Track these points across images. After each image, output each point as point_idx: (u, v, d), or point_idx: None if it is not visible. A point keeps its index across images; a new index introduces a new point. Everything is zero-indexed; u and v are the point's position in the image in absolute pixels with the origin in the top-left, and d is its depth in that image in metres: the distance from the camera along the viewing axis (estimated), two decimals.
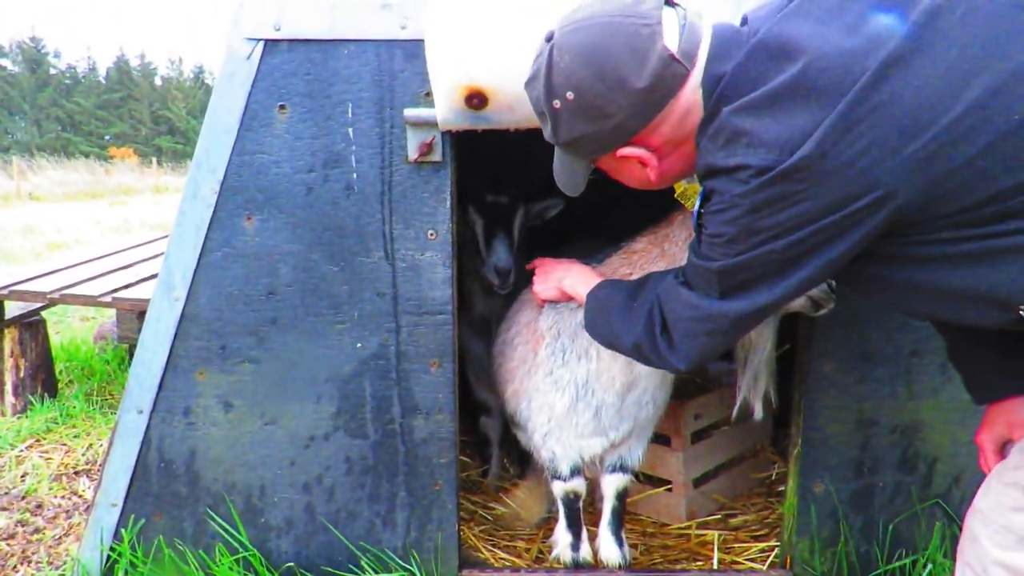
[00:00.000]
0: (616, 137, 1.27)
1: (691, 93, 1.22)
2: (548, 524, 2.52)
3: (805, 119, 1.06)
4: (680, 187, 1.79)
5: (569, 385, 1.96)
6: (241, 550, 2.10)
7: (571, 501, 2.14)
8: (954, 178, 1.03)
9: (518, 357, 2.10)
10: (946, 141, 1.02)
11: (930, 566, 1.99)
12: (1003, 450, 1.42)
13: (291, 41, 1.90)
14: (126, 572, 2.10)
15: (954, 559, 1.99)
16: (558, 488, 2.13)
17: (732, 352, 2.02)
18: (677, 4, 1.27)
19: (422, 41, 1.81)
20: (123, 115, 46.24)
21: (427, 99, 1.88)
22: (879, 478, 2.04)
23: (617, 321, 1.54)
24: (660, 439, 2.49)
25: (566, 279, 1.90)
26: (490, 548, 2.41)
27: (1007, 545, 1.16)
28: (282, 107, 1.93)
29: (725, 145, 1.14)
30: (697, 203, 1.28)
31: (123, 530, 2.11)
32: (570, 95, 1.24)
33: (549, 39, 1.28)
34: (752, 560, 2.29)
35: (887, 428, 2.02)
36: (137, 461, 2.09)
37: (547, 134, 1.37)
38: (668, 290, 1.40)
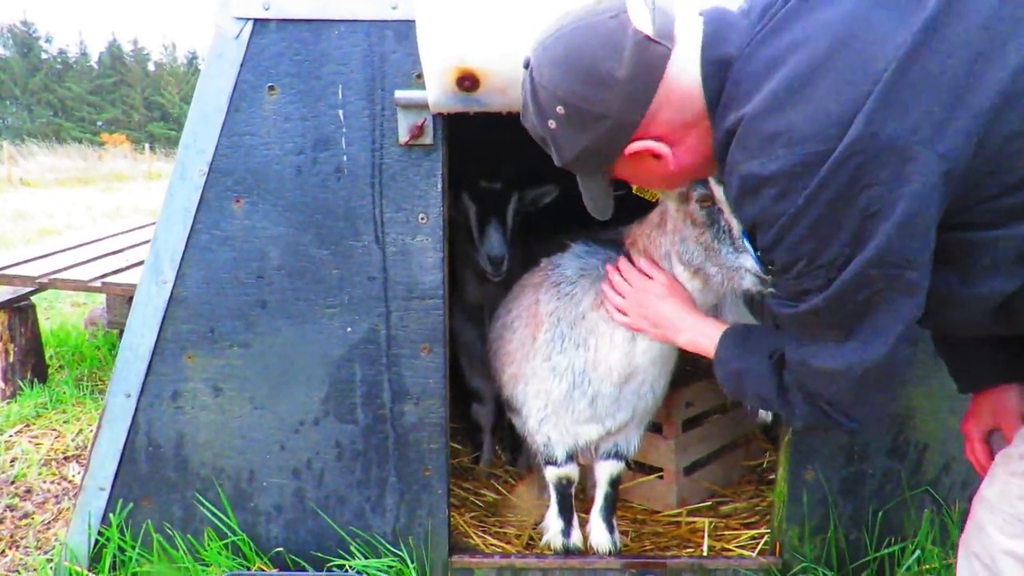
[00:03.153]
0: (618, 136, 1.23)
1: (682, 73, 1.19)
2: (542, 512, 2.53)
3: (841, 102, 1.00)
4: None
5: (567, 372, 1.95)
6: (230, 535, 2.10)
7: (563, 487, 2.13)
8: (1008, 147, 0.98)
9: (517, 341, 2.09)
10: (998, 106, 0.97)
11: (919, 552, 2.00)
12: (989, 438, 1.42)
13: (280, 21, 1.88)
14: (114, 556, 2.09)
15: (942, 545, 2.01)
16: (551, 473, 2.13)
17: None
18: None
19: (413, 22, 1.79)
20: (115, 101, 45.87)
21: (418, 81, 1.86)
22: (869, 465, 2.04)
23: (769, 403, 1.38)
24: (652, 427, 2.48)
25: (667, 320, 1.67)
26: (480, 534, 2.41)
27: (1015, 534, 1.15)
28: (271, 88, 1.90)
29: (761, 151, 1.07)
30: (746, 242, 1.20)
31: (111, 514, 2.09)
32: (560, 109, 1.22)
33: (527, 65, 1.27)
34: (742, 547, 2.30)
35: None
36: (125, 445, 2.08)
37: (556, 160, 1.34)
38: (797, 368, 1.25)
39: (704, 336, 1.59)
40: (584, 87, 1.19)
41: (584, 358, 1.92)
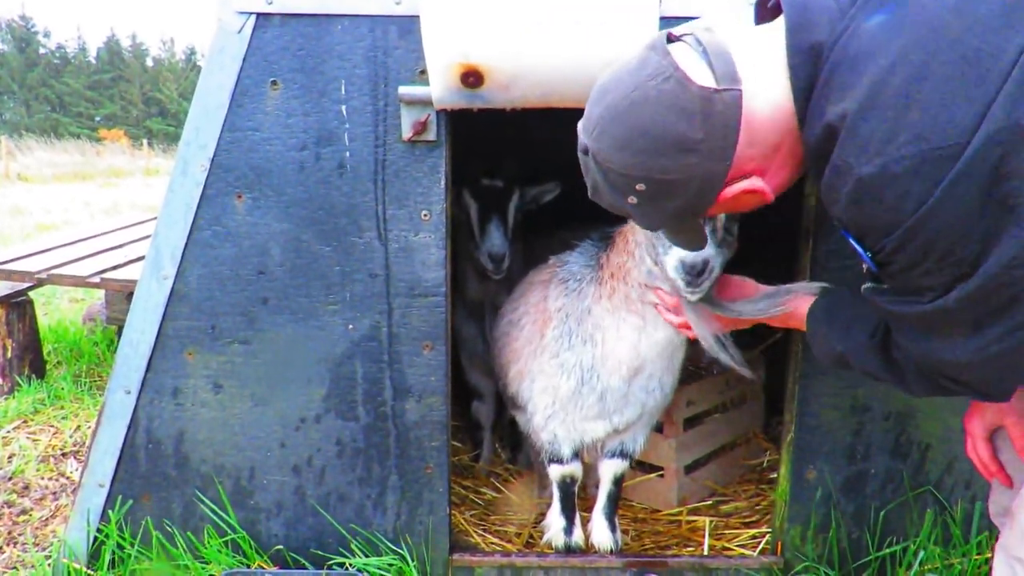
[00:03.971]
0: (709, 191, 1.17)
1: (758, 106, 1.13)
2: (541, 511, 2.52)
3: (969, 93, 0.95)
4: None
5: (575, 369, 1.94)
6: (230, 532, 2.09)
7: (567, 485, 2.13)
8: None
9: (524, 337, 2.08)
10: None
11: (921, 553, 1.99)
12: (992, 436, 1.42)
13: (284, 15, 1.86)
14: (113, 553, 2.08)
15: (944, 545, 2.00)
16: (555, 472, 2.12)
17: None
18: (678, 37, 1.17)
19: (417, 17, 1.78)
20: (114, 96, 45.73)
21: (422, 77, 1.85)
22: (871, 464, 2.04)
23: (880, 377, 1.34)
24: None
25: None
26: (480, 532, 2.41)
27: None
28: (274, 83, 1.89)
29: (882, 150, 1.00)
30: (857, 246, 1.12)
31: (110, 511, 2.08)
32: (640, 187, 1.15)
33: (584, 151, 1.20)
34: (742, 546, 2.29)
35: (880, 415, 2.01)
36: (125, 442, 2.06)
37: (643, 224, 1.31)
38: (922, 359, 1.19)
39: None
40: (661, 160, 1.12)
41: (592, 353, 1.92)
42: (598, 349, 1.90)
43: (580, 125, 1.21)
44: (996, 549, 1.27)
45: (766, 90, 1.14)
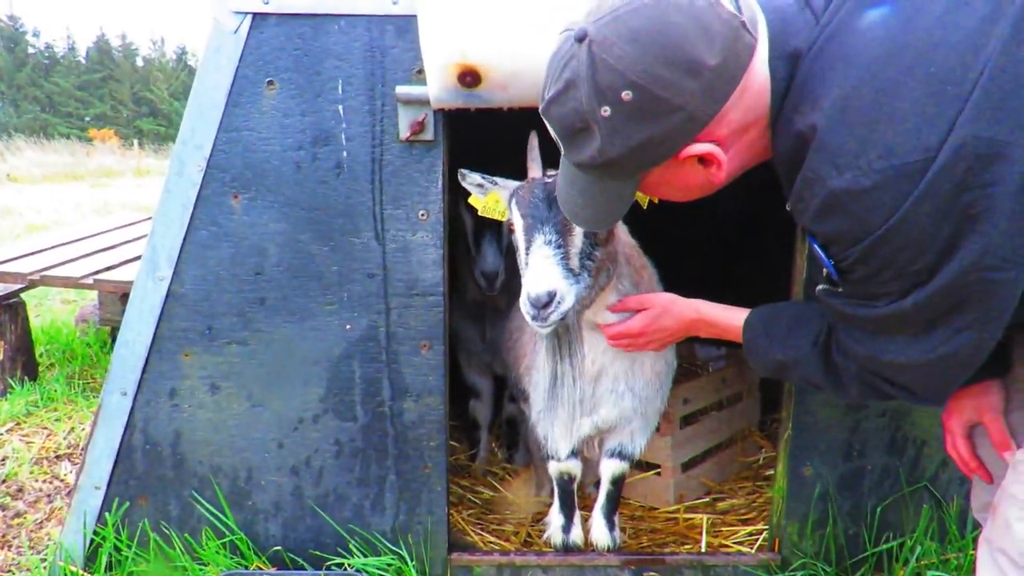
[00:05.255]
0: (684, 133, 1.10)
1: (760, 68, 1.11)
2: (538, 509, 2.52)
3: (938, 108, 0.97)
4: (479, 202, 1.76)
5: (547, 367, 1.93)
6: (228, 534, 2.08)
7: (565, 483, 2.13)
8: None
9: (529, 332, 2.09)
10: None
11: (918, 549, 2.01)
12: (971, 433, 1.42)
13: (280, 15, 1.86)
14: (110, 556, 2.07)
15: (940, 541, 2.01)
16: (553, 468, 2.12)
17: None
18: None
19: (414, 16, 1.78)
20: (103, 96, 45.42)
21: (419, 76, 1.84)
22: (868, 461, 2.05)
23: (818, 383, 1.37)
24: None
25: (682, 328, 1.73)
26: (478, 532, 2.41)
27: None
28: (270, 83, 1.89)
29: (852, 164, 1.01)
30: (820, 252, 1.13)
31: (107, 513, 2.07)
32: (627, 95, 1.06)
33: (581, 38, 1.08)
34: (740, 543, 2.30)
35: (876, 412, 2.02)
36: (121, 443, 2.05)
37: (588, 153, 1.14)
38: (867, 361, 1.22)
39: (723, 324, 1.63)
40: (665, 71, 1.04)
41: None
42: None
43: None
44: (980, 542, 1.28)
45: (763, 63, 1.12)
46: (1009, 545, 1.18)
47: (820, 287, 1.23)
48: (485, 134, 2.19)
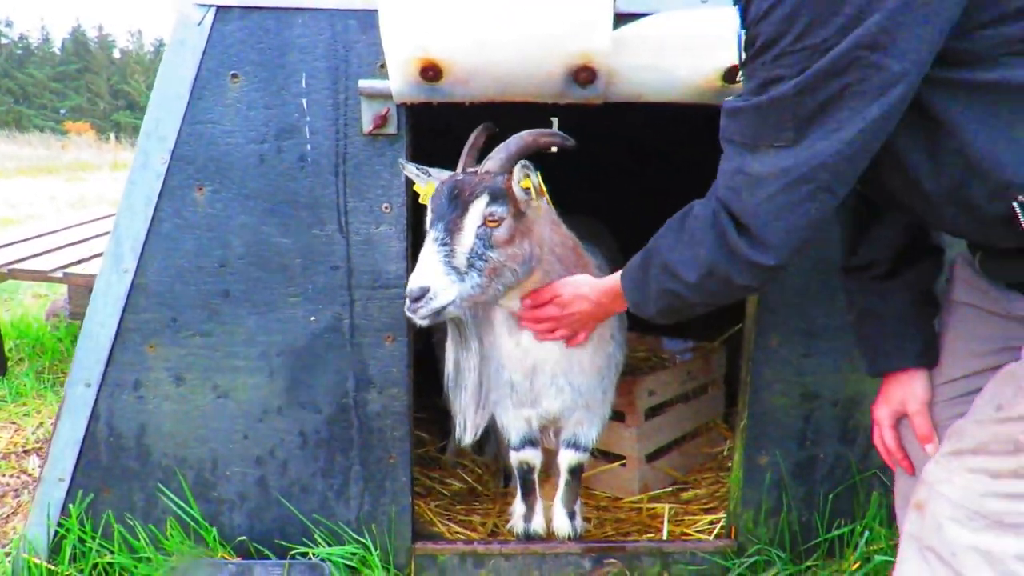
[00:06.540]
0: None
1: None
2: (505, 500, 2.56)
3: None
4: (422, 190, 1.77)
5: (491, 359, 1.96)
6: (193, 524, 2.09)
7: (524, 472, 2.17)
8: None
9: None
10: None
11: (867, 533, 2.07)
12: (898, 424, 1.44)
13: (244, 8, 1.87)
14: (74, 548, 2.07)
15: (889, 527, 2.07)
16: (512, 457, 2.16)
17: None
18: None
19: (377, 11, 1.79)
20: (79, 88, 44.70)
21: (382, 70, 1.86)
22: (821, 450, 2.11)
23: (674, 263, 1.31)
24: (615, 415, 2.52)
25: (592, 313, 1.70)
26: (445, 522, 2.44)
27: (979, 528, 1.13)
28: (234, 76, 1.90)
29: None
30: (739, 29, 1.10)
31: (71, 505, 2.08)
32: None
33: None
34: (701, 531, 2.36)
35: (829, 401, 2.08)
36: (85, 435, 2.06)
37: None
38: (729, 178, 1.18)
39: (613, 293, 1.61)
40: None
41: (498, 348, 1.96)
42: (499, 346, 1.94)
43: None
44: (904, 537, 1.27)
45: None
46: (939, 544, 1.17)
47: (726, 100, 1.21)
48: (449, 128, 2.21)
